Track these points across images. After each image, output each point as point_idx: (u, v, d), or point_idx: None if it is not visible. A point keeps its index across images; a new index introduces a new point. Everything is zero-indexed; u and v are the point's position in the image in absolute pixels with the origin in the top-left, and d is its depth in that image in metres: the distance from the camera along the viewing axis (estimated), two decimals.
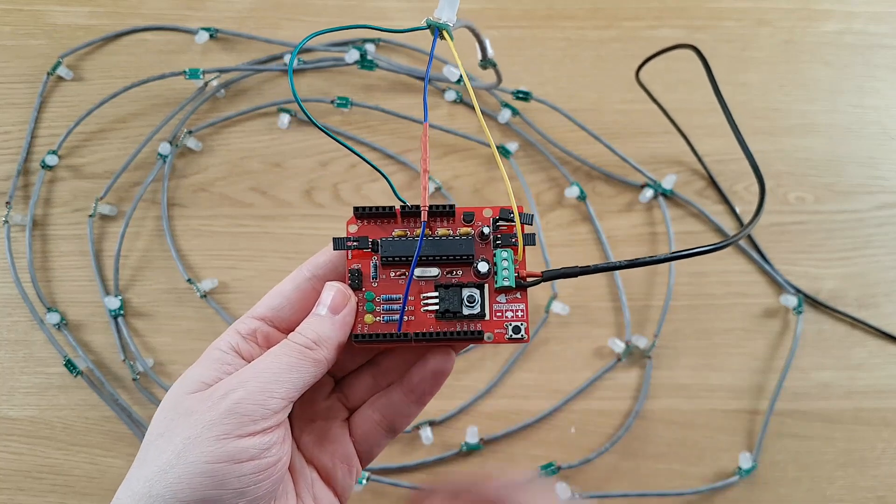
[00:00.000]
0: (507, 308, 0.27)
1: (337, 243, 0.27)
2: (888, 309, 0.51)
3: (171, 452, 0.24)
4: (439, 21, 0.27)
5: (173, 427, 0.24)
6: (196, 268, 0.51)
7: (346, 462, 0.29)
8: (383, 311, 0.27)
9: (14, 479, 0.48)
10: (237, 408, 0.24)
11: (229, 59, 0.55)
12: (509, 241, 0.28)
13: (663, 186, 0.52)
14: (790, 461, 0.49)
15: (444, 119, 0.54)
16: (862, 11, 0.57)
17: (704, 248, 0.28)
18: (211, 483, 0.23)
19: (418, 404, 0.29)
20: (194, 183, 0.53)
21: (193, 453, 0.23)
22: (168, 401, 0.25)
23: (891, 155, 0.54)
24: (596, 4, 0.57)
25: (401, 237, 0.28)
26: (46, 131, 0.54)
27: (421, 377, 0.28)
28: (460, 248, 0.27)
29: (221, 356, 0.26)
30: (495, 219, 0.28)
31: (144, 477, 0.24)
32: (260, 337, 0.27)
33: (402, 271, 0.28)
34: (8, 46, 0.55)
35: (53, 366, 0.49)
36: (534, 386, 0.50)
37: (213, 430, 0.24)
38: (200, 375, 0.26)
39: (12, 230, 0.51)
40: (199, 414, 0.24)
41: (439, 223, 0.28)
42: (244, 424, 0.24)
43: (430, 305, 0.27)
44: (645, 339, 0.50)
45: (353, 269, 0.28)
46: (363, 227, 0.28)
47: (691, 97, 0.55)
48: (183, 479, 0.23)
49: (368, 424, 0.29)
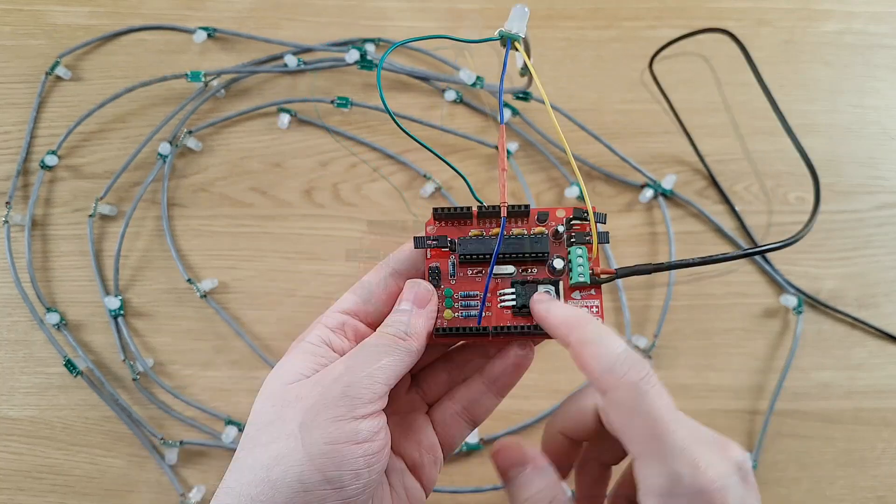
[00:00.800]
0: (583, 304, 0.29)
1: (417, 242, 0.29)
2: (888, 309, 0.51)
3: (288, 436, 0.24)
4: (511, 32, 0.30)
5: (283, 413, 0.25)
6: (196, 268, 0.51)
7: (431, 452, 0.30)
8: (462, 306, 0.29)
9: (14, 479, 0.48)
10: (349, 391, 0.25)
11: (229, 59, 0.55)
12: (583, 239, 0.28)
13: (663, 186, 0.52)
14: (790, 461, 0.49)
15: (445, 119, 0.54)
16: (862, 11, 0.57)
17: (776, 244, 0.30)
18: (332, 464, 0.24)
19: (499, 395, 0.30)
20: (194, 183, 0.53)
21: (313, 435, 0.24)
22: (269, 390, 0.26)
23: (891, 155, 0.54)
24: (596, 4, 0.57)
25: (477, 236, 0.29)
26: (46, 131, 0.54)
27: (502, 369, 0.30)
28: (536, 246, 0.28)
29: (314, 349, 0.27)
30: (569, 218, 0.29)
31: (259, 463, 0.24)
32: (348, 330, 0.29)
33: (479, 269, 0.29)
34: (8, 46, 0.55)
35: (53, 366, 0.49)
36: (534, 386, 0.50)
37: (330, 412, 0.24)
38: (297, 367, 0.26)
39: (12, 230, 0.51)
40: (311, 399, 0.25)
41: (514, 223, 0.29)
42: (356, 406, 0.25)
43: (507, 301, 0.28)
44: (645, 339, 0.50)
45: (433, 267, 0.29)
46: (441, 227, 0.29)
47: (692, 97, 0.55)
48: (304, 461, 0.24)
49: (450, 415, 0.30)
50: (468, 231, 0.29)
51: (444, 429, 0.31)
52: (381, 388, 0.25)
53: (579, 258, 0.28)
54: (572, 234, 0.29)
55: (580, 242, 0.28)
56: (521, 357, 0.30)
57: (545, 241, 0.28)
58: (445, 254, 0.29)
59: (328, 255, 0.52)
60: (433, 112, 0.55)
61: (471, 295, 0.29)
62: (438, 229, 0.29)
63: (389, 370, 0.26)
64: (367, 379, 0.25)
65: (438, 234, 0.29)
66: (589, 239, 0.28)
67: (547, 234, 0.29)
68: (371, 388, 0.25)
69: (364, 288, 0.29)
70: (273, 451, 0.24)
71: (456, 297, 0.29)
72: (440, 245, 0.29)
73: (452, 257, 0.29)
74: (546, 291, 0.28)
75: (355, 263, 0.51)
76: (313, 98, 0.54)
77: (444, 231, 0.29)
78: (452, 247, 0.29)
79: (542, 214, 0.29)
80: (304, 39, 0.55)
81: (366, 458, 0.25)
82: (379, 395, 0.25)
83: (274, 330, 0.50)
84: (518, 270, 0.29)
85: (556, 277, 0.29)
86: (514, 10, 0.29)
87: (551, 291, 0.28)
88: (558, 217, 0.29)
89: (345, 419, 0.24)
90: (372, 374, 0.25)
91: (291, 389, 0.26)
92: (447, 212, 0.29)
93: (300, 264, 0.51)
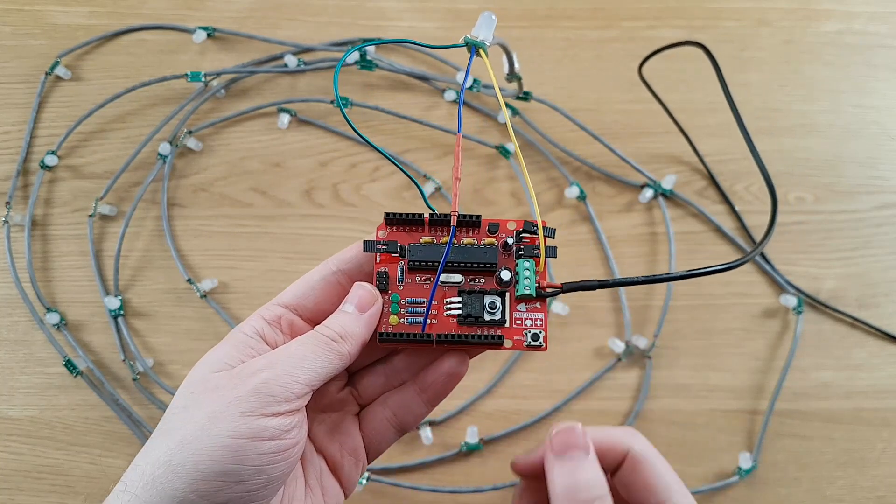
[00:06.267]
0: (527, 316, 0.29)
1: (367, 246, 0.29)
2: (888, 309, 0.51)
3: (196, 424, 0.24)
4: (476, 39, 0.29)
5: (198, 401, 0.25)
6: (196, 268, 0.51)
7: (353, 455, 0.30)
8: (408, 313, 0.29)
9: (14, 479, 0.48)
10: (264, 387, 0.25)
11: (228, 59, 0.55)
12: (532, 253, 0.29)
13: (663, 186, 0.52)
14: (790, 461, 0.49)
15: (444, 119, 0.54)
16: (862, 11, 0.57)
17: (713, 267, 0.29)
18: (232, 457, 0.24)
19: (429, 404, 0.30)
20: (194, 183, 0.53)
21: (218, 427, 0.24)
22: (193, 377, 0.26)
23: (891, 155, 0.54)
24: (596, 4, 0.57)
25: (428, 244, 0.29)
26: (46, 131, 0.54)
27: (435, 378, 0.29)
28: (485, 257, 0.28)
29: (246, 339, 0.27)
30: (519, 231, 0.29)
31: (166, 446, 0.24)
32: (284, 324, 0.28)
33: (427, 276, 0.29)
34: (8, 46, 0.55)
35: (53, 366, 0.49)
36: (534, 386, 0.50)
37: (240, 406, 0.24)
38: (225, 356, 0.26)
39: (12, 230, 0.51)
40: (226, 390, 0.25)
41: (465, 233, 0.29)
42: (269, 404, 0.24)
43: (453, 310, 0.29)
44: (645, 339, 0.50)
45: (381, 272, 0.29)
46: (392, 232, 0.29)
47: (692, 97, 0.55)
48: (205, 451, 0.24)
49: (379, 420, 0.30)
50: (419, 238, 0.29)
51: (371, 433, 0.30)
52: (299, 388, 0.25)
53: (526, 271, 0.28)
54: (521, 246, 0.29)
55: (528, 255, 0.29)
56: (455, 367, 0.29)
57: (494, 252, 0.29)
58: (395, 259, 0.29)
59: (328, 255, 0.51)
60: (432, 112, 0.55)
61: (417, 301, 0.29)
62: (389, 234, 0.29)
63: (314, 371, 0.26)
64: (286, 377, 0.25)
65: (389, 239, 0.29)
66: (537, 252, 0.29)
67: (497, 245, 0.29)
68: (288, 387, 0.25)
69: (306, 283, 0.29)
70: (179, 436, 0.24)
71: (402, 304, 0.29)
72: (390, 250, 0.29)
73: (402, 263, 0.29)
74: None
75: None
76: (313, 98, 0.54)
77: (394, 236, 0.29)
78: (402, 252, 0.29)
79: (493, 226, 0.29)
80: (304, 39, 0.55)
81: (270, 455, 0.24)
82: (297, 394, 0.25)
83: None
84: (466, 280, 0.29)
85: (502, 289, 0.29)
86: (482, 18, 0.29)
87: (497, 302, 0.28)
88: (509, 229, 0.29)
89: (253, 415, 0.24)
90: (292, 373, 0.25)
91: (212, 378, 0.26)
92: (399, 217, 0.29)
93: (300, 264, 0.51)
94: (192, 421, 0.24)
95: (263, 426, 0.24)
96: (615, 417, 0.49)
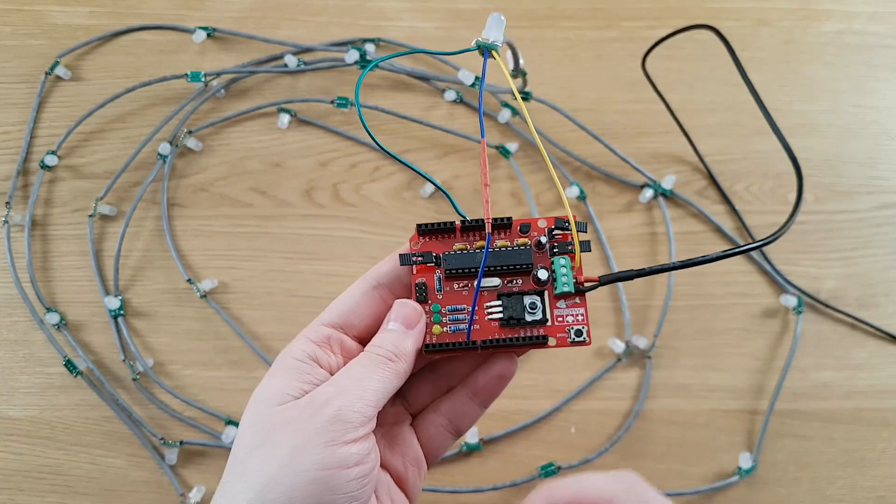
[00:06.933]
0: (568, 313, 0.29)
1: (403, 259, 0.29)
2: (888, 309, 0.51)
3: (279, 462, 0.24)
4: (488, 41, 0.29)
5: (273, 437, 0.25)
6: (196, 268, 0.51)
7: (416, 465, 0.30)
8: (450, 321, 0.29)
9: (14, 479, 0.48)
10: (340, 415, 0.25)
11: (228, 59, 0.55)
12: (566, 249, 0.29)
13: (663, 186, 0.52)
14: (790, 461, 0.49)
15: (444, 119, 0.54)
16: (862, 11, 0.57)
17: (747, 246, 0.30)
18: (325, 490, 0.24)
19: (482, 406, 0.31)
20: (194, 183, 0.53)
21: (304, 461, 0.24)
22: (255, 412, 0.26)
23: (891, 155, 0.54)
24: (596, 4, 0.57)
25: (462, 250, 0.29)
26: (46, 131, 0.54)
27: (486, 381, 0.30)
28: (520, 258, 0.29)
29: (300, 366, 0.27)
30: (550, 228, 0.29)
31: (250, 488, 0.24)
32: (334, 344, 0.28)
33: (465, 283, 0.29)
34: (8, 46, 0.55)
35: (53, 366, 0.49)
36: (534, 386, 0.50)
37: (322, 437, 0.24)
38: (284, 387, 0.26)
39: (12, 230, 0.51)
40: (302, 422, 0.25)
41: (497, 235, 0.29)
42: (347, 431, 0.24)
43: (494, 314, 0.29)
44: (645, 339, 0.50)
45: (420, 283, 0.29)
46: (426, 242, 0.29)
47: (691, 97, 0.55)
48: (297, 487, 0.24)
49: (434, 427, 0.31)
50: (452, 245, 0.29)
51: (428, 441, 0.31)
52: (370, 411, 0.25)
53: (563, 268, 0.28)
54: (554, 244, 0.29)
55: (563, 252, 0.29)
56: (506, 368, 0.30)
57: (529, 253, 0.29)
58: (431, 269, 0.29)
59: (328, 255, 0.52)
60: (432, 112, 0.55)
61: (458, 309, 0.29)
62: (423, 245, 0.29)
63: (379, 392, 0.26)
64: (358, 402, 0.25)
65: (423, 251, 0.29)
66: (571, 248, 0.29)
67: (530, 245, 0.29)
68: (362, 412, 0.25)
69: (349, 300, 0.29)
70: (263, 476, 0.24)
71: (444, 312, 0.29)
72: (425, 261, 0.29)
73: (438, 272, 0.29)
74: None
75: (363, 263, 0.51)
76: (313, 98, 0.54)
77: (428, 246, 0.29)
78: (438, 262, 0.29)
79: (525, 226, 0.29)
80: (304, 39, 0.55)
81: (358, 481, 0.25)
82: (369, 417, 0.25)
83: (274, 330, 0.50)
84: (503, 282, 0.29)
85: (540, 287, 0.29)
86: (491, 19, 0.29)
87: (537, 302, 0.29)
88: (540, 227, 0.29)
89: (336, 444, 0.24)
90: (362, 397, 0.25)
91: (280, 412, 0.25)
92: (431, 227, 0.29)
93: (300, 264, 0.51)
94: (275, 459, 0.24)
95: (348, 454, 0.24)
96: (615, 417, 0.49)
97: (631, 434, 0.49)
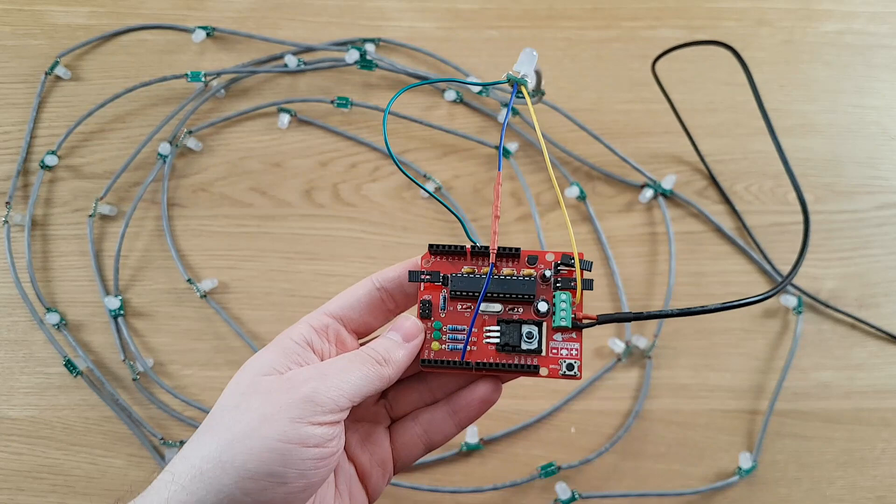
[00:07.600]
0: (563, 346, 0.30)
1: (412, 276, 0.30)
2: (888, 309, 0.51)
3: (246, 424, 0.25)
4: (518, 76, 0.30)
5: (249, 402, 0.26)
6: (196, 268, 0.51)
7: (382, 465, 0.31)
8: (449, 339, 0.30)
9: (14, 479, 0.48)
10: (314, 396, 0.26)
11: (228, 59, 0.55)
12: (568, 285, 0.30)
13: (663, 186, 0.52)
14: (790, 461, 0.49)
15: (444, 119, 0.54)
16: (862, 11, 0.57)
17: (748, 299, 0.30)
18: (279, 460, 0.25)
19: (459, 426, 0.32)
20: (194, 183, 0.53)
21: (268, 429, 0.25)
22: (242, 377, 0.27)
23: (891, 155, 0.54)
24: (596, 4, 0.57)
25: (469, 274, 0.30)
26: (46, 131, 0.54)
27: (468, 402, 0.31)
28: (523, 288, 0.30)
29: (295, 347, 0.28)
30: (556, 263, 0.30)
31: (216, 443, 0.25)
32: (331, 333, 0.30)
33: (468, 305, 0.30)
34: (8, 46, 0.55)
35: (53, 366, 0.49)
36: (534, 386, 0.50)
37: (290, 411, 0.26)
38: (273, 361, 0.28)
39: (12, 230, 0.51)
40: (277, 394, 0.26)
41: (505, 263, 0.30)
42: (316, 413, 0.26)
43: (492, 338, 0.30)
44: (645, 339, 0.50)
45: (425, 300, 0.30)
46: (435, 262, 0.31)
47: (691, 97, 0.55)
48: (254, 451, 0.25)
49: (409, 435, 0.32)
50: (461, 267, 0.30)
51: (400, 446, 0.32)
52: (344, 402, 0.27)
53: (563, 303, 0.29)
54: (559, 278, 0.30)
55: (565, 288, 0.30)
56: (489, 394, 0.31)
57: (532, 284, 0.30)
58: (438, 287, 0.30)
59: (328, 255, 0.52)
60: (433, 112, 0.55)
61: (458, 329, 0.30)
62: (433, 264, 0.31)
63: (357, 387, 0.27)
64: (334, 390, 0.26)
65: (432, 269, 0.30)
66: (574, 285, 0.30)
67: (535, 276, 0.30)
68: (335, 400, 0.26)
69: (351, 296, 0.30)
70: (229, 434, 0.25)
71: (444, 330, 0.30)
72: (433, 280, 0.30)
73: (444, 292, 0.30)
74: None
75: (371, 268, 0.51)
76: (313, 98, 0.54)
77: (438, 266, 0.31)
78: (444, 282, 0.30)
79: (532, 258, 0.30)
80: (304, 39, 0.55)
81: (313, 461, 0.26)
82: (341, 407, 0.27)
83: (274, 330, 0.50)
84: (504, 309, 0.30)
85: (540, 318, 0.30)
86: (523, 55, 0.30)
87: (535, 332, 0.30)
88: (547, 261, 0.30)
89: (302, 422, 0.25)
90: (340, 387, 0.27)
91: (262, 381, 0.27)
92: (443, 248, 0.30)
93: (300, 264, 0.51)
94: (243, 421, 0.26)
95: (310, 433, 0.26)
96: (615, 417, 0.49)
97: (631, 434, 0.49)
